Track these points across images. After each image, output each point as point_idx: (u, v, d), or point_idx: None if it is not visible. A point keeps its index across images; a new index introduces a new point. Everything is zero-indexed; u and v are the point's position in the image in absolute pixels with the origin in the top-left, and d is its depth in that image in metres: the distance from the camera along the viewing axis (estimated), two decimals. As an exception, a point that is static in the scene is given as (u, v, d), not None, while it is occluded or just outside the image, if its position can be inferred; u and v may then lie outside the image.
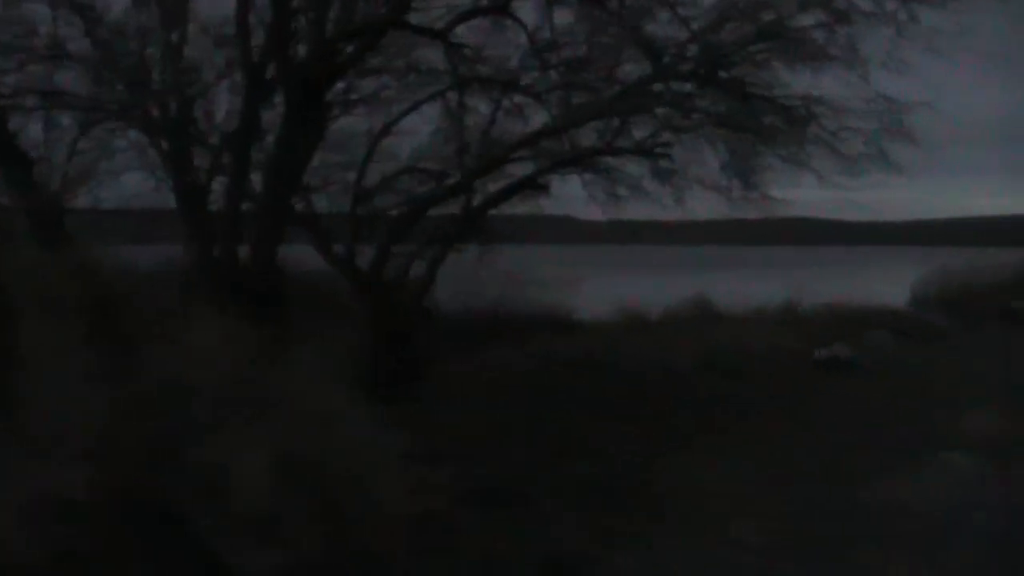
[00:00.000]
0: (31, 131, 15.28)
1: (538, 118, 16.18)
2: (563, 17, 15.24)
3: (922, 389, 16.53)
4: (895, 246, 77.25)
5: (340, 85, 15.36)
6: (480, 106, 16.39)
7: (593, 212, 17.48)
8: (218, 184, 15.14)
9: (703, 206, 16.76)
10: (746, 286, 30.54)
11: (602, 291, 25.84)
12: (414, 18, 14.18)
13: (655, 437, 12.48)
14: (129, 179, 16.63)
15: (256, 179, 14.50)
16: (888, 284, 32.13)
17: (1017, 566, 8.31)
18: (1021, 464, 11.31)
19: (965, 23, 14.26)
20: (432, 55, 15.66)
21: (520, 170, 16.29)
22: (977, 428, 13.08)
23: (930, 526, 9.09)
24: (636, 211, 17.50)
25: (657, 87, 15.36)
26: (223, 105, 16.06)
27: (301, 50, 13.92)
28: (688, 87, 15.45)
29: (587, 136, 16.12)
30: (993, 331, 24.57)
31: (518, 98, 16.11)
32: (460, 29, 14.64)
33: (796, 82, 15.30)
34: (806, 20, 15.14)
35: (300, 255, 15.67)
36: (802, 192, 16.73)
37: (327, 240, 15.85)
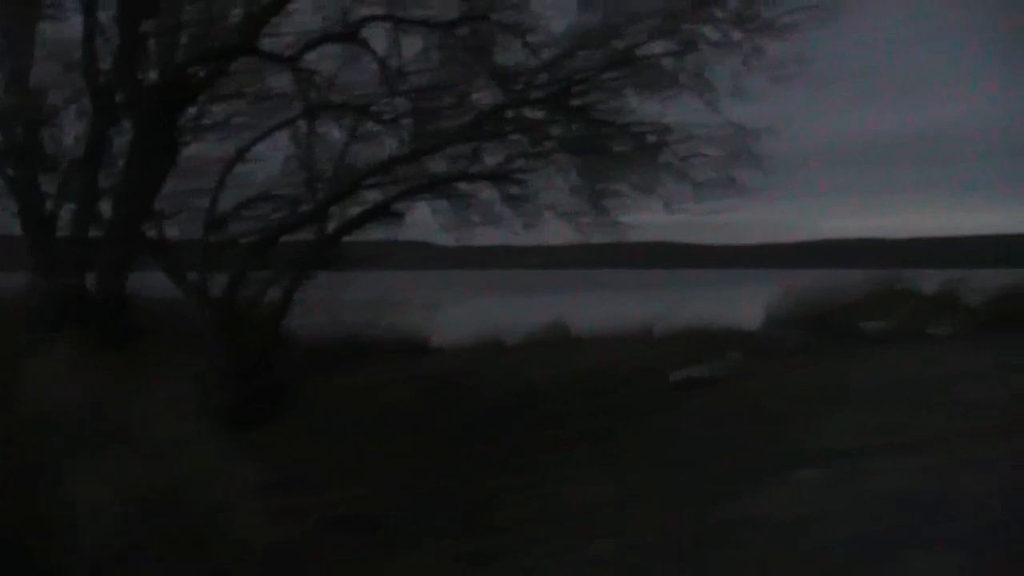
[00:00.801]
0: None
1: (395, 145, 16.22)
2: (416, 45, 15.34)
3: (776, 407, 16.77)
4: (751, 268, 78.84)
5: (192, 110, 15.20)
6: (332, 133, 16.36)
7: (457, 237, 17.55)
8: (66, 211, 14.84)
9: (560, 231, 16.95)
10: (604, 309, 30.78)
11: (461, 316, 25.84)
12: (266, 44, 14.12)
13: (516, 459, 12.52)
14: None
15: (106, 206, 14.25)
16: (744, 305, 32.64)
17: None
18: (869, 476, 11.57)
19: (805, 52, 14.73)
20: (285, 81, 15.60)
21: (377, 197, 16.28)
22: (828, 443, 13.37)
23: (783, 539, 9.25)
24: (495, 236, 17.63)
25: (509, 114, 15.52)
26: (71, 130, 15.76)
27: (151, 75, 13.74)
28: (540, 114, 15.64)
29: (442, 163, 16.20)
30: (845, 350, 25.07)
31: (373, 125, 16.10)
32: (315, 56, 14.63)
33: (647, 109, 15.61)
34: (656, 48, 15.46)
35: (153, 283, 15.39)
36: (660, 216, 17.00)
37: (180, 268, 15.62)
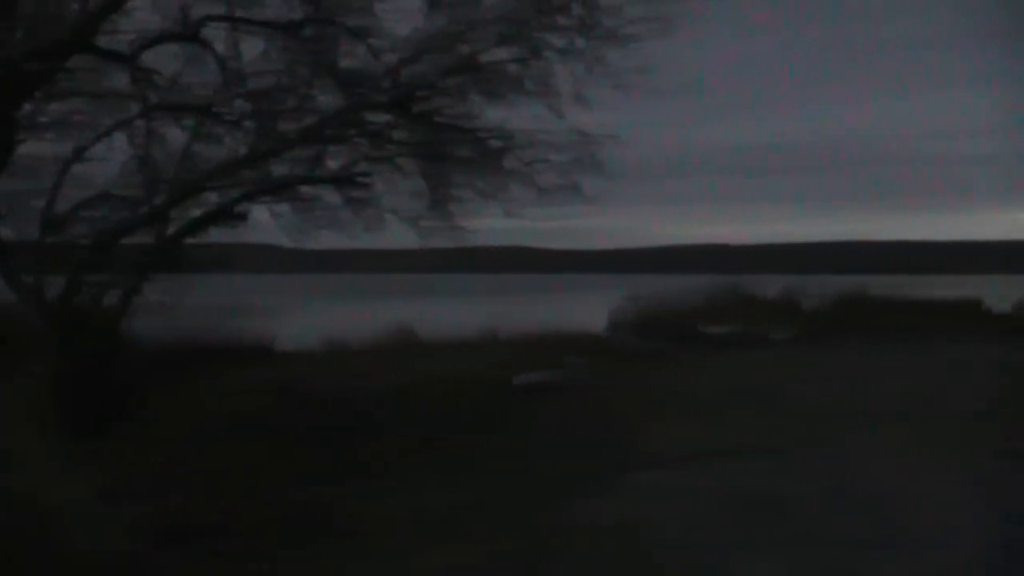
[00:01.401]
0: None
1: (237, 147, 15.97)
2: (259, 46, 15.17)
3: (619, 412, 16.98)
4: (599, 274, 79.63)
5: (27, 107, 14.77)
6: (173, 133, 16.04)
7: (298, 240, 17.35)
8: None
9: (407, 235, 16.90)
10: (452, 314, 30.81)
11: (307, 320, 25.63)
12: (105, 42, 13.80)
13: (357, 465, 12.44)
14: None
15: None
16: (591, 310, 32.95)
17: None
18: (707, 478, 11.79)
19: (650, 61, 14.98)
20: (125, 80, 15.26)
21: (219, 199, 16.02)
22: (670, 447, 13.59)
23: (617, 541, 9.38)
24: (341, 240, 17.48)
25: (354, 117, 15.43)
26: None
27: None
28: (385, 118, 15.59)
29: (285, 166, 16.02)
30: (689, 355, 25.50)
31: (215, 127, 15.84)
32: (155, 56, 14.35)
33: (492, 115, 15.68)
34: (502, 54, 15.55)
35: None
36: (510, 221, 17.06)
37: (14, 270, 15.15)
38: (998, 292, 36.22)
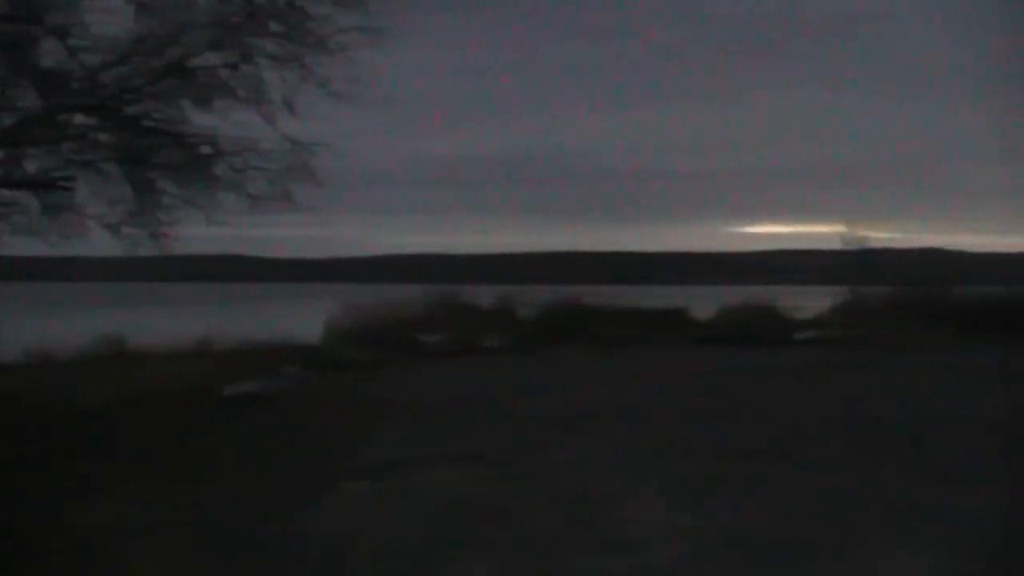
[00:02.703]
0: None
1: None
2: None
3: (334, 421, 16.93)
4: (315, 283, 79.21)
5: None
6: None
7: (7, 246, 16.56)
8: None
9: (112, 243, 16.35)
10: (165, 323, 30.09)
11: (9, 331, 24.46)
12: None
13: (59, 480, 11.98)
14: None
15: None
16: (306, 319, 32.70)
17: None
18: (422, 487, 11.86)
19: (363, 71, 15.03)
20: None
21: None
22: (385, 456, 13.61)
23: (329, 552, 9.35)
24: (44, 248, 16.74)
25: (57, 119, 14.88)
26: None
27: None
28: (90, 120, 15.08)
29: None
30: (405, 363, 25.60)
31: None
32: None
33: (203, 121, 15.39)
34: (213, 59, 15.28)
35: None
36: (224, 229, 16.72)
37: None
38: (706, 301, 37.61)
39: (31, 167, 15.39)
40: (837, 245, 40.11)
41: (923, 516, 10.13)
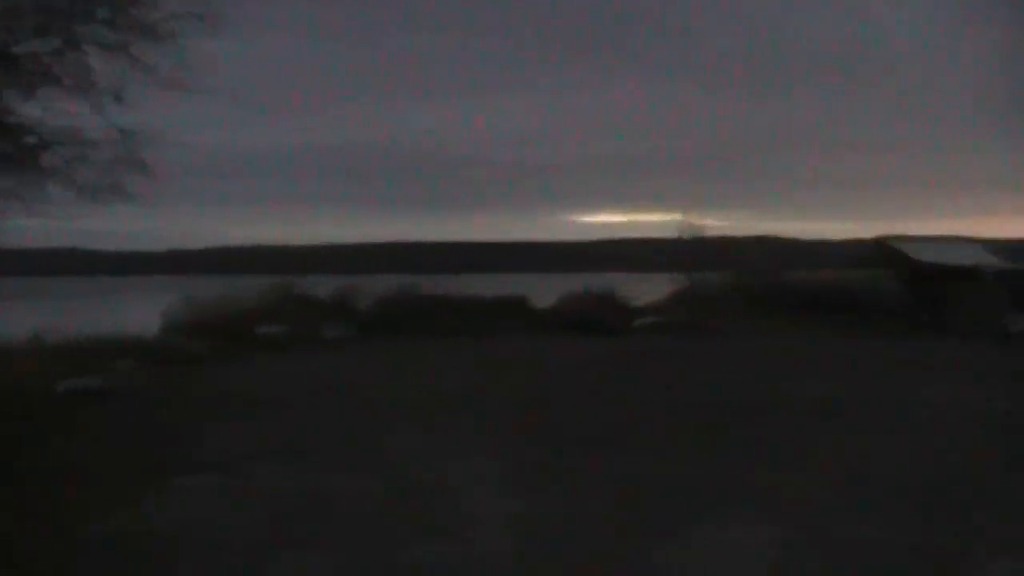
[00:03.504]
0: None
1: None
2: None
3: (170, 415, 16.64)
4: (154, 275, 77.65)
5: None
6: None
7: None
8: None
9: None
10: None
11: None
12: None
13: None
14: None
15: None
16: (144, 313, 32.05)
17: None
18: (258, 480, 11.77)
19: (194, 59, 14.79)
20: None
21: None
22: (221, 449, 13.45)
23: (159, 547, 9.22)
24: None
25: None
26: None
27: None
28: None
29: None
30: (244, 356, 25.27)
31: None
32: None
33: (28, 110, 14.98)
34: (38, 46, 14.88)
35: None
36: (59, 222, 16.29)
37: None
38: (547, 290, 37.96)
39: None
40: (674, 233, 40.90)
41: (727, 494, 10.53)
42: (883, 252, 35.66)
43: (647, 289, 39.56)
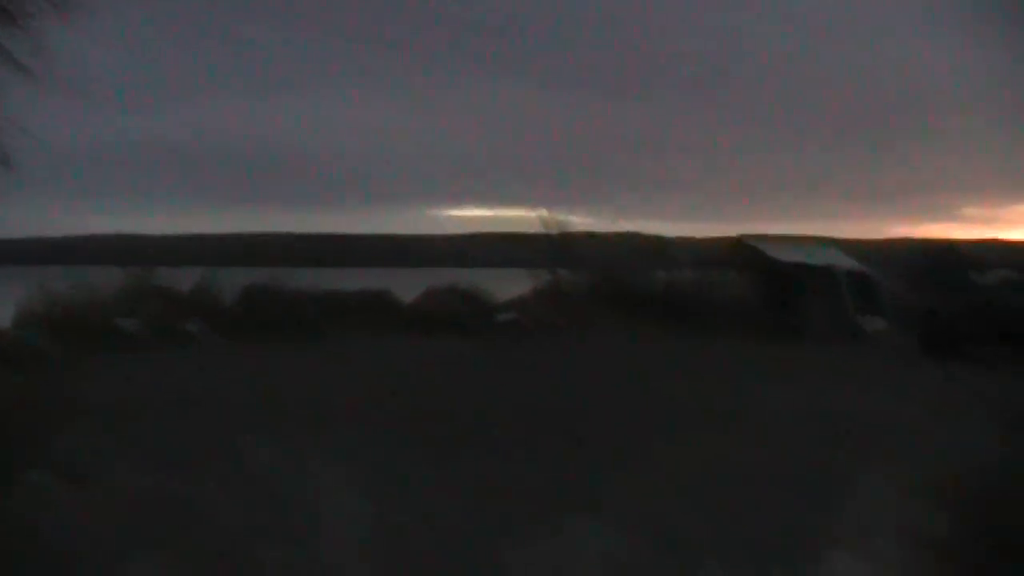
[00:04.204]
0: None
1: None
2: None
3: (13, 416, 16.07)
4: (4, 266, 75.22)
5: None
6: None
7: None
8: None
9: None
10: None
11: None
12: None
13: None
14: None
15: None
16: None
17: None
18: (104, 482, 11.44)
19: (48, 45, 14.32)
20: None
21: None
22: (63, 454, 12.99)
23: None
24: None
25: None
26: None
27: None
28: None
29: None
30: (99, 351, 24.59)
31: None
32: None
33: None
34: None
35: None
36: None
37: None
38: (411, 285, 37.87)
39: None
40: (538, 229, 40.74)
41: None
42: (742, 251, 36.05)
43: (510, 286, 39.61)
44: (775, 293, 34.29)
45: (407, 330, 31.37)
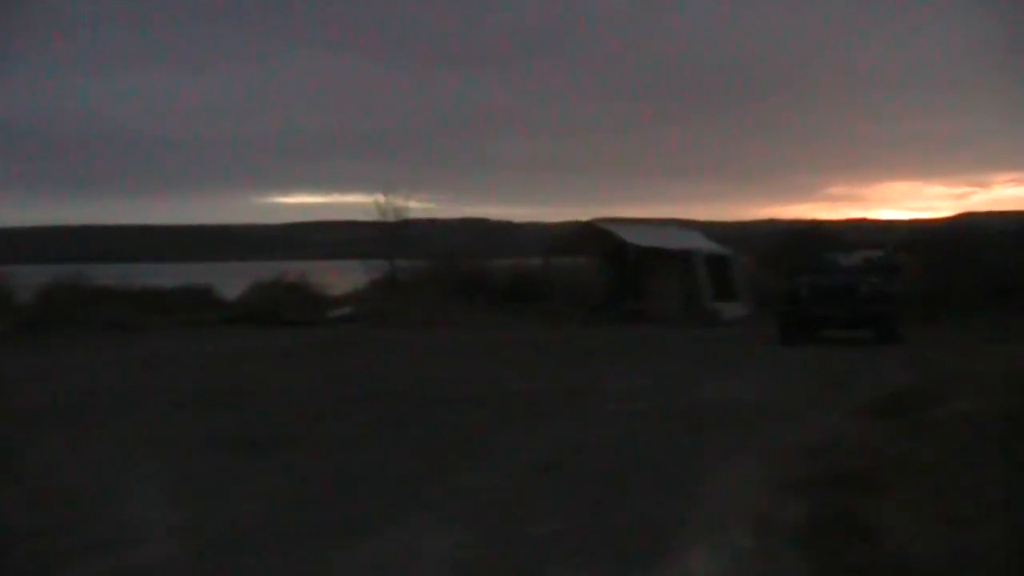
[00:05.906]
0: None
1: None
2: None
3: None
4: None
5: None
6: None
7: None
8: None
9: None
10: None
11: None
12: None
13: None
14: None
15: None
16: None
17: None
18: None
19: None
20: None
21: None
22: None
23: None
24: None
25: None
26: None
27: None
28: None
29: None
30: None
31: None
32: None
33: None
34: None
35: None
36: None
37: None
38: (235, 277, 36.65)
39: None
40: (375, 216, 38.52)
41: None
42: (593, 234, 34.21)
43: (345, 276, 38.35)
44: (628, 277, 32.69)
45: (231, 325, 30.03)
